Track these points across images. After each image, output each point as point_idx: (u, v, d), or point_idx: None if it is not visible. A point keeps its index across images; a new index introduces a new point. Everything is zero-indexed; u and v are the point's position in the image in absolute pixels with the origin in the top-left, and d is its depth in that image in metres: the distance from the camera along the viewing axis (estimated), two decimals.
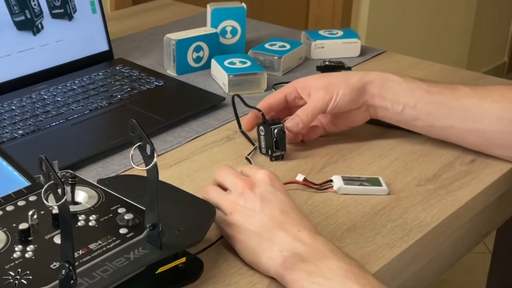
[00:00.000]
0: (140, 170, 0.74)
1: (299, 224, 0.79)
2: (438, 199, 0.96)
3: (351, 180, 0.97)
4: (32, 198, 0.81)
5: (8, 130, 1.06)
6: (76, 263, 0.69)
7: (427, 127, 1.04)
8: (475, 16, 3.32)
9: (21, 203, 0.80)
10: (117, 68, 1.30)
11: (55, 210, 0.76)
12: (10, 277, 0.69)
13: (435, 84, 1.05)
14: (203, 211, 0.82)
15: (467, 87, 1.05)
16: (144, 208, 0.78)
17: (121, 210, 0.80)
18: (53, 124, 1.09)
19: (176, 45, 1.29)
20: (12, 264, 0.71)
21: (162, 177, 0.76)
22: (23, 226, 0.74)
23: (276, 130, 1.02)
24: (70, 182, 0.82)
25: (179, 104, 1.20)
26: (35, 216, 0.76)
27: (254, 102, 1.08)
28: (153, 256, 0.74)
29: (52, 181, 0.63)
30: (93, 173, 0.99)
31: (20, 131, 1.06)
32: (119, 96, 1.19)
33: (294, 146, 1.07)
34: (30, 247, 0.73)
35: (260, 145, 1.05)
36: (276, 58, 1.33)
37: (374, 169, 1.03)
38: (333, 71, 1.27)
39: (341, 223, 0.90)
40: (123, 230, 0.76)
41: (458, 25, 3.24)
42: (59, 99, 1.17)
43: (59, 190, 0.63)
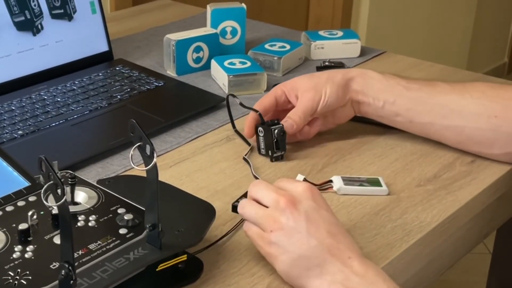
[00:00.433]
0: (140, 170, 0.74)
1: (349, 248, 0.76)
2: (438, 199, 0.96)
3: (351, 181, 0.97)
4: (31, 198, 0.81)
5: (8, 131, 1.06)
6: (76, 264, 0.69)
7: (407, 123, 1.05)
8: (475, 17, 3.32)
9: (20, 203, 0.80)
10: (117, 68, 1.30)
11: (55, 211, 0.76)
12: (9, 277, 0.69)
13: (414, 81, 1.06)
14: (203, 212, 0.82)
15: (447, 83, 1.05)
16: (143, 209, 0.78)
17: (120, 211, 0.80)
18: (53, 124, 1.09)
19: (176, 45, 1.29)
20: (12, 264, 0.71)
21: (162, 177, 0.76)
22: (22, 226, 0.74)
23: (276, 131, 1.02)
24: (69, 182, 0.82)
25: (179, 105, 1.20)
26: (34, 217, 0.76)
27: (254, 102, 1.08)
28: (152, 256, 0.74)
29: (52, 182, 0.63)
30: (92, 173, 0.99)
31: (20, 132, 1.06)
32: (119, 97, 1.19)
33: (294, 147, 1.07)
34: (29, 248, 0.73)
35: (259, 146, 1.05)
36: (276, 58, 1.33)
37: (374, 169, 1.03)
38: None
39: (342, 224, 0.90)
40: (122, 231, 0.76)
41: (458, 26, 3.24)
42: (59, 99, 1.16)
43: (59, 191, 0.63)
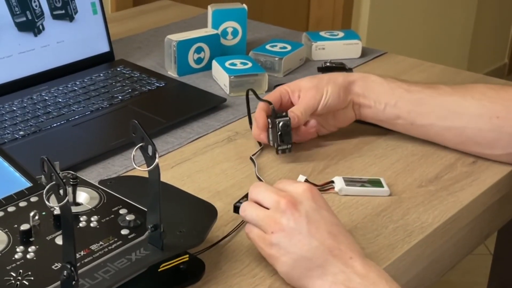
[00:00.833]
0: (141, 171, 0.74)
1: (350, 249, 0.77)
2: (440, 200, 0.96)
3: (352, 181, 0.97)
4: (33, 199, 0.81)
5: (9, 131, 1.06)
6: (78, 264, 0.69)
7: (408, 125, 1.05)
8: (476, 18, 3.32)
9: (22, 204, 0.80)
10: (118, 69, 1.30)
11: (57, 211, 0.76)
12: (11, 278, 0.69)
13: (415, 84, 1.07)
14: (205, 212, 0.82)
15: (448, 86, 1.06)
16: (145, 209, 0.78)
17: (122, 211, 0.80)
18: (54, 125, 1.09)
19: (177, 46, 1.29)
20: (14, 265, 0.71)
21: (163, 178, 0.76)
22: (24, 227, 0.74)
23: (281, 124, 1.01)
24: (71, 183, 0.82)
25: (180, 105, 1.20)
26: (36, 217, 0.76)
27: (255, 103, 1.08)
28: (154, 257, 0.74)
29: (54, 182, 0.63)
30: (94, 174, 0.99)
31: (21, 132, 1.06)
32: (120, 97, 1.19)
33: (295, 148, 1.07)
34: (31, 248, 0.73)
35: (269, 137, 1.04)
36: (277, 59, 1.33)
37: (375, 170, 1.03)
38: (334, 72, 1.28)
39: (343, 224, 0.90)
40: (124, 231, 0.76)
41: (459, 27, 3.24)
42: (60, 100, 1.16)
43: (61, 191, 0.63)
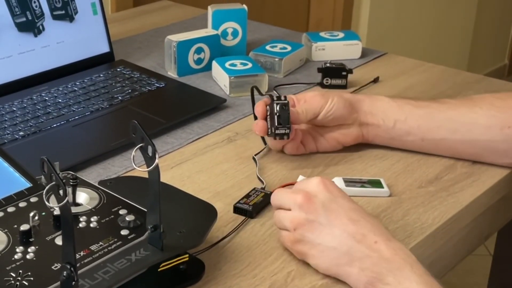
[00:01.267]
0: (141, 171, 0.74)
1: (374, 233, 0.78)
2: (440, 201, 0.96)
3: (352, 182, 0.97)
4: (33, 199, 0.81)
5: (9, 131, 1.06)
6: (78, 265, 0.69)
7: (419, 141, 1.04)
8: (476, 19, 3.32)
9: (22, 204, 0.80)
10: (118, 69, 1.30)
11: (57, 212, 0.76)
12: (11, 278, 0.69)
13: (422, 99, 1.07)
14: (205, 213, 0.82)
15: (454, 99, 1.06)
16: (145, 210, 0.78)
17: (122, 212, 0.80)
18: (54, 125, 1.09)
19: (177, 46, 1.29)
20: (13, 265, 0.71)
21: (163, 178, 0.76)
22: (24, 227, 0.74)
23: (278, 105, 0.99)
24: (71, 183, 0.82)
25: (180, 106, 1.20)
26: (36, 217, 0.76)
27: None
28: (154, 257, 0.74)
29: (54, 183, 0.63)
30: (94, 174, 0.99)
31: (21, 133, 1.06)
32: (120, 98, 1.19)
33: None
34: (31, 248, 0.73)
35: (268, 127, 1.01)
36: (277, 60, 1.33)
37: (375, 170, 1.03)
38: (334, 72, 1.28)
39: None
40: (124, 232, 0.76)
41: (459, 27, 3.24)
42: (60, 100, 1.16)
43: (61, 192, 0.63)
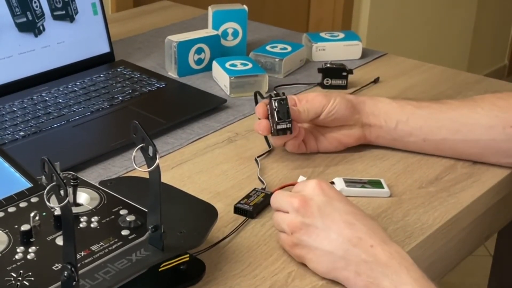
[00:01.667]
0: (142, 171, 0.74)
1: (370, 236, 0.77)
2: (440, 201, 0.96)
3: (352, 182, 0.97)
4: (34, 199, 0.81)
5: (9, 132, 1.06)
6: (78, 265, 0.69)
7: (421, 142, 1.04)
8: (476, 19, 3.32)
9: (23, 204, 0.80)
10: (119, 70, 1.30)
11: (57, 212, 0.76)
12: (12, 279, 0.69)
13: (423, 100, 1.07)
14: (205, 213, 0.82)
15: (455, 99, 1.07)
16: (146, 210, 0.78)
17: (123, 212, 0.80)
18: (55, 125, 1.09)
19: (178, 47, 1.29)
20: (14, 265, 0.71)
21: (163, 178, 0.76)
22: (25, 227, 0.74)
23: (276, 101, 0.99)
24: (72, 183, 0.81)
25: (181, 106, 1.20)
26: (37, 218, 0.76)
27: (256, 104, 1.08)
28: (155, 257, 0.74)
29: (55, 183, 0.63)
30: (94, 174, 0.99)
31: (22, 133, 1.06)
32: (120, 98, 1.19)
33: None
34: (32, 249, 0.73)
35: (270, 125, 1.01)
36: (277, 60, 1.33)
37: (375, 171, 1.03)
38: (335, 73, 1.28)
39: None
40: (125, 232, 0.76)
41: (459, 28, 3.24)
42: (60, 100, 1.17)
43: (62, 192, 0.63)
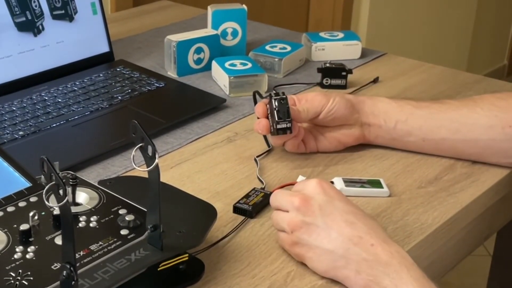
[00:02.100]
0: (141, 171, 0.74)
1: (370, 235, 0.78)
2: (439, 201, 0.96)
3: (352, 182, 0.97)
4: (33, 199, 0.81)
5: (8, 131, 1.06)
6: (77, 264, 0.69)
7: (420, 142, 1.05)
8: (475, 19, 3.32)
9: (22, 204, 0.80)
10: (118, 69, 1.30)
11: (56, 211, 0.76)
12: (11, 278, 0.69)
13: (422, 100, 1.07)
14: (204, 213, 0.82)
15: (455, 99, 1.07)
16: (145, 210, 0.78)
17: (122, 211, 0.80)
18: (54, 125, 1.09)
19: (177, 46, 1.29)
20: (13, 265, 0.70)
21: (163, 178, 0.76)
22: (24, 227, 0.74)
23: (276, 100, 0.99)
24: (71, 183, 0.81)
25: (180, 106, 1.20)
26: (36, 217, 0.76)
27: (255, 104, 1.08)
28: (154, 257, 0.74)
29: (54, 182, 0.63)
30: (94, 174, 0.98)
31: (21, 132, 1.06)
32: (119, 98, 1.19)
33: None
34: (31, 248, 0.73)
35: (270, 124, 1.01)
36: (276, 60, 1.33)
37: (375, 171, 1.03)
38: (334, 73, 1.28)
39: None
40: (124, 231, 0.76)
41: (458, 28, 3.24)
42: (59, 100, 1.16)
43: (61, 191, 0.63)
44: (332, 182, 0.97)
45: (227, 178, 0.99)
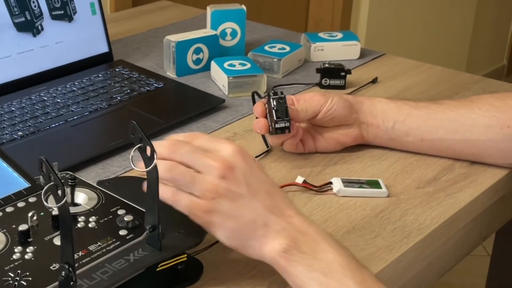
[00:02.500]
0: (140, 171, 0.74)
1: (288, 207, 0.78)
2: (438, 201, 0.96)
3: (350, 183, 0.97)
4: (31, 199, 0.81)
5: (7, 132, 1.06)
6: (76, 265, 0.69)
7: (418, 142, 1.05)
8: (475, 20, 3.32)
9: (20, 204, 0.80)
10: (117, 69, 1.30)
11: (55, 212, 0.76)
12: (9, 278, 0.69)
13: (420, 101, 1.07)
14: None
15: (453, 100, 1.07)
16: (143, 210, 0.78)
17: (120, 212, 0.80)
18: (53, 125, 1.09)
19: (176, 47, 1.30)
20: (12, 265, 0.71)
21: None
22: (22, 227, 0.74)
23: (274, 100, 0.99)
24: (69, 183, 0.82)
25: (179, 106, 1.20)
26: (34, 218, 0.76)
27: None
28: (152, 257, 0.74)
29: (52, 183, 0.63)
30: (92, 174, 0.99)
31: (20, 133, 1.06)
32: (118, 98, 1.19)
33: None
34: (29, 249, 0.73)
35: (269, 123, 1.01)
36: (275, 60, 1.33)
37: (373, 171, 1.03)
38: (333, 73, 1.28)
39: (341, 226, 0.90)
40: (122, 232, 0.76)
41: (458, 28, 3.24)
42: (58, 100, 1.17)
43: (59, 192, 0.63)
44: (331, 183, 0.97)
45: None
